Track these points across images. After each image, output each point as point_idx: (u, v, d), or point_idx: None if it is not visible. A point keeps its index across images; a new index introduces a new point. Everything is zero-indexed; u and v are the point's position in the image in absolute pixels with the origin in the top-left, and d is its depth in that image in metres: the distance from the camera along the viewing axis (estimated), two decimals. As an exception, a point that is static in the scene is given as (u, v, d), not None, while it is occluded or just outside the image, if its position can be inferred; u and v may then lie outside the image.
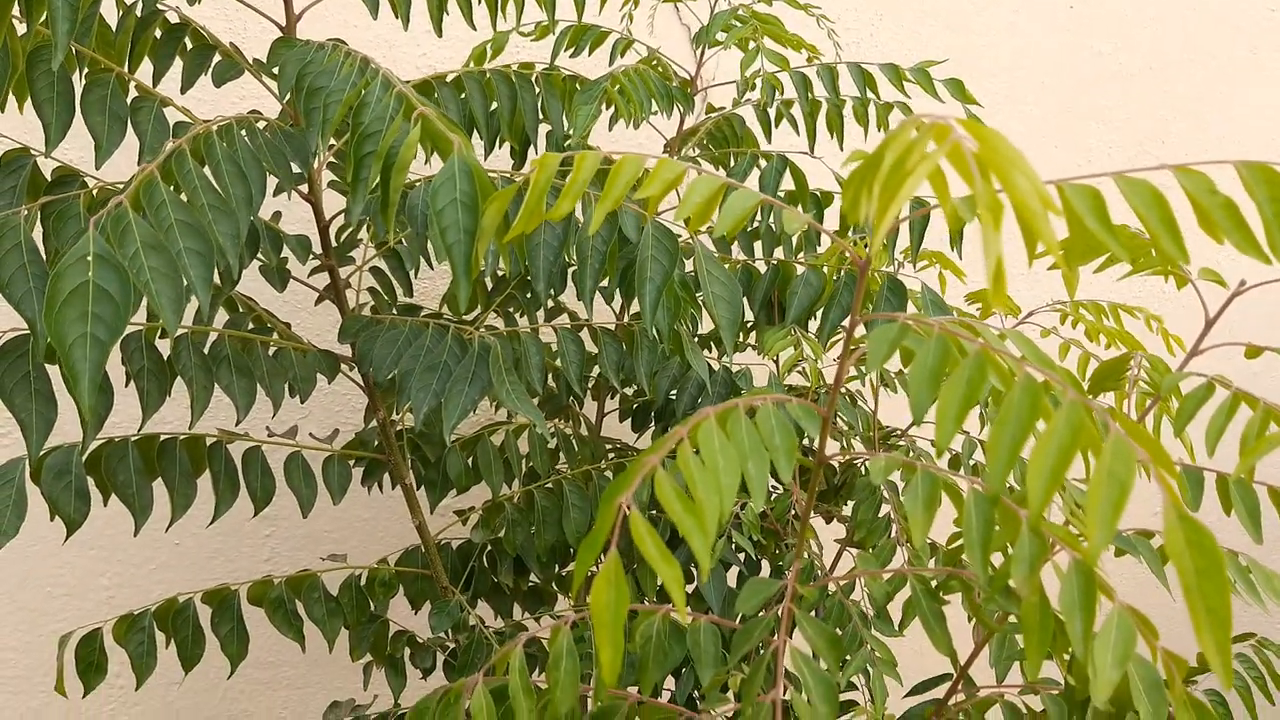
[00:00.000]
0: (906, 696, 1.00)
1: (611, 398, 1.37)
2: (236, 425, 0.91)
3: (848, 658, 1.05)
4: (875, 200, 0.40)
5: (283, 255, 1.01)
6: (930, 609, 0.70)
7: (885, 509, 1.25)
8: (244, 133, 0.78)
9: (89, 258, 0.59)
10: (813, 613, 1.05)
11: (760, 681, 0.57)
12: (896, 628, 1.14)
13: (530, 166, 0.59)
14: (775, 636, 0.57)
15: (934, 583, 0.74)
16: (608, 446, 1.28)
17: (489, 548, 1.17)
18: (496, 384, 0.80)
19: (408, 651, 1.17)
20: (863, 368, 1.43)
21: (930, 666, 0.98)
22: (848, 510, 1.33)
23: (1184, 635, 0.64)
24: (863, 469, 1.36)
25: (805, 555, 1.12)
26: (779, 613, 0.58)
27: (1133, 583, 1.76)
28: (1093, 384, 0.80)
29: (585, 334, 1.06)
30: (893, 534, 1.17)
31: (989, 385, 0.48)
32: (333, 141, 0.98)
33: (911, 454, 1.20)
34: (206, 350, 0.89)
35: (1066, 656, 0.65)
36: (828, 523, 1.34)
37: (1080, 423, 0.44)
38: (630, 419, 1.28)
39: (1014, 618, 0.92)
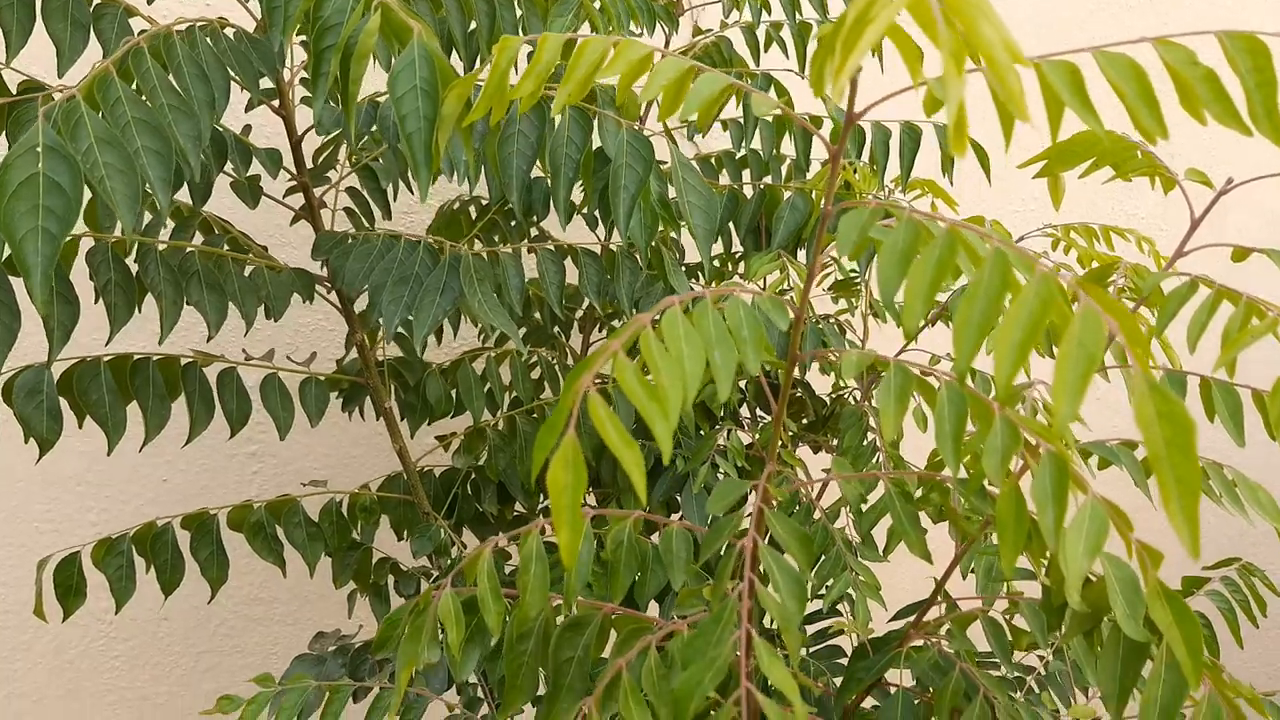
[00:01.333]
0: (891, 620, 1.00)
1: (599, 330, 1.36)
2: (208, 341, 0.90)
3: (830, 582, 1.05)
4: (838, 55, 0.38)
5: (255, 174, 1.00)
6: (905, 512, 0.69)
7: (871, 436, 1.24)
8: (208, 38, 0.76)
9: (38, 149, 0.57)
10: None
11: (728, 577, 0.56)
12: (881, 553, 1.14)
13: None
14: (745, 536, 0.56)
15: (916, 494, 0.73)
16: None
17: (472, 475, 1.16)
18: (469, 294, 0.78)
19: (392, 579, 1.17)
20: (853, 300, 1.41)
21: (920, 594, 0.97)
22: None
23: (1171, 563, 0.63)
24: (851, 400, 1.35)
25: (784, 470, 1.12)
26: (749, 510, 0.57)
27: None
28: (1078, 295, 0.78)
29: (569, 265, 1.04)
30: (879, 460, 1.16)
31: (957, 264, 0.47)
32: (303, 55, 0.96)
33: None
34: (176, 266, 0.87)
35: (1044, 561, 0.64)
36: (815, 453, 1.33)
37: (1050, 294, 0.42)
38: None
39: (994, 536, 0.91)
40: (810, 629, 1.15)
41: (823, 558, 1.06)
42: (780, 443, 1.15)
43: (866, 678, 0.78)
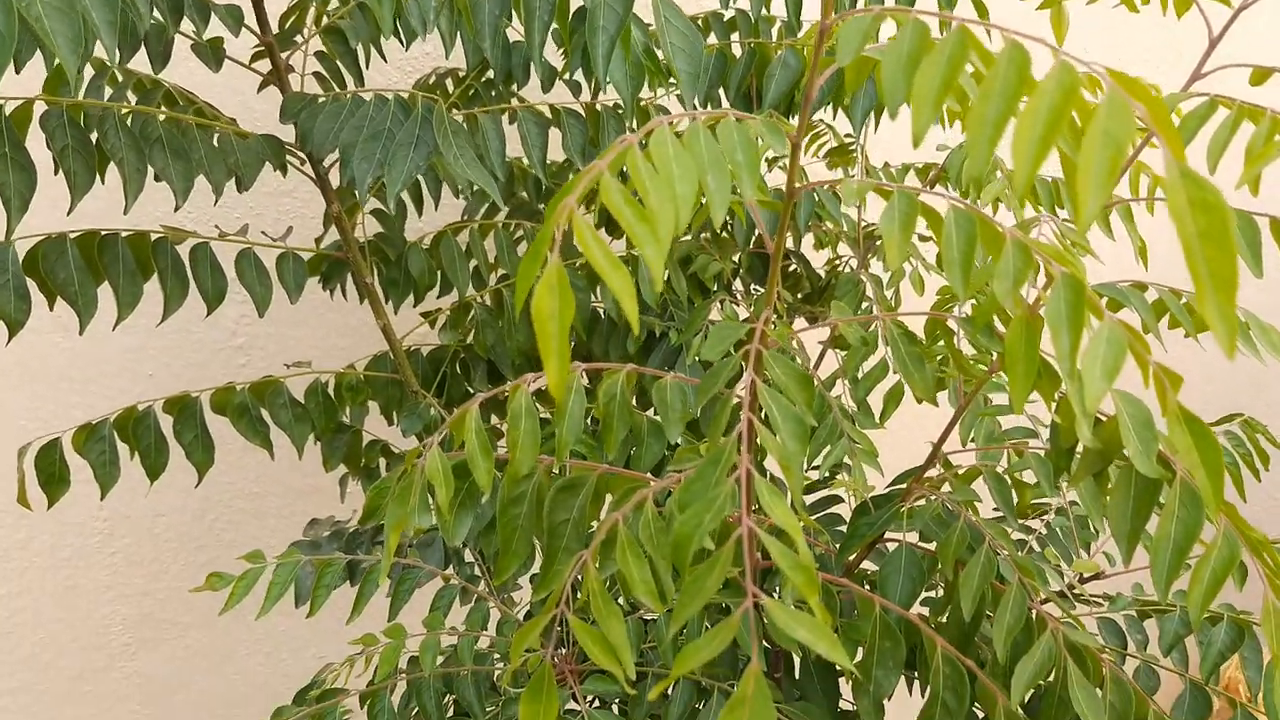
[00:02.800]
0: (890, 486, 0.98)
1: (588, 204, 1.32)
2: (175, 211, 0.86)
3: (827, 450, 1.03)
4: None
5: (218, 36, 0.94)
6: (909, 354, 0.66)
7: (867, 304, 1.21)
8: (152, -125, 0.70)
9: (-35, -20, 0.52)
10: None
11: (725, 420, 0.54)
12: (878, 420, 1.12)
13: None
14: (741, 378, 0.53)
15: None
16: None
17: (461, 354, 1.13)
18: (443, 148, 0.74)
19: (383, 462, 1.15)
20: (849, 169, 1.37)
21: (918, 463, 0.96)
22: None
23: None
24: (847, 268, 1.32)
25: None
26: (746, 353, 0.55)
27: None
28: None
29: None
30: (874, 327, 1.14)
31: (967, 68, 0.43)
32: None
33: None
34: (138, 132, 0.83)
35: (1055, 400, 0.62)
36: (811, 324, 1.31)
37: (1072, 84, 0.39)
38: (607, 224, 1.23)
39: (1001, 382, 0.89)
40: (808, 499, 1.14)
41: (818, 426, 1.04)
42: (776, 313, 1.12)
43: (869, 533, 0.76)
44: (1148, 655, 0.90)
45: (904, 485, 0.84)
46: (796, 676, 0.87)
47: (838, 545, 0.87)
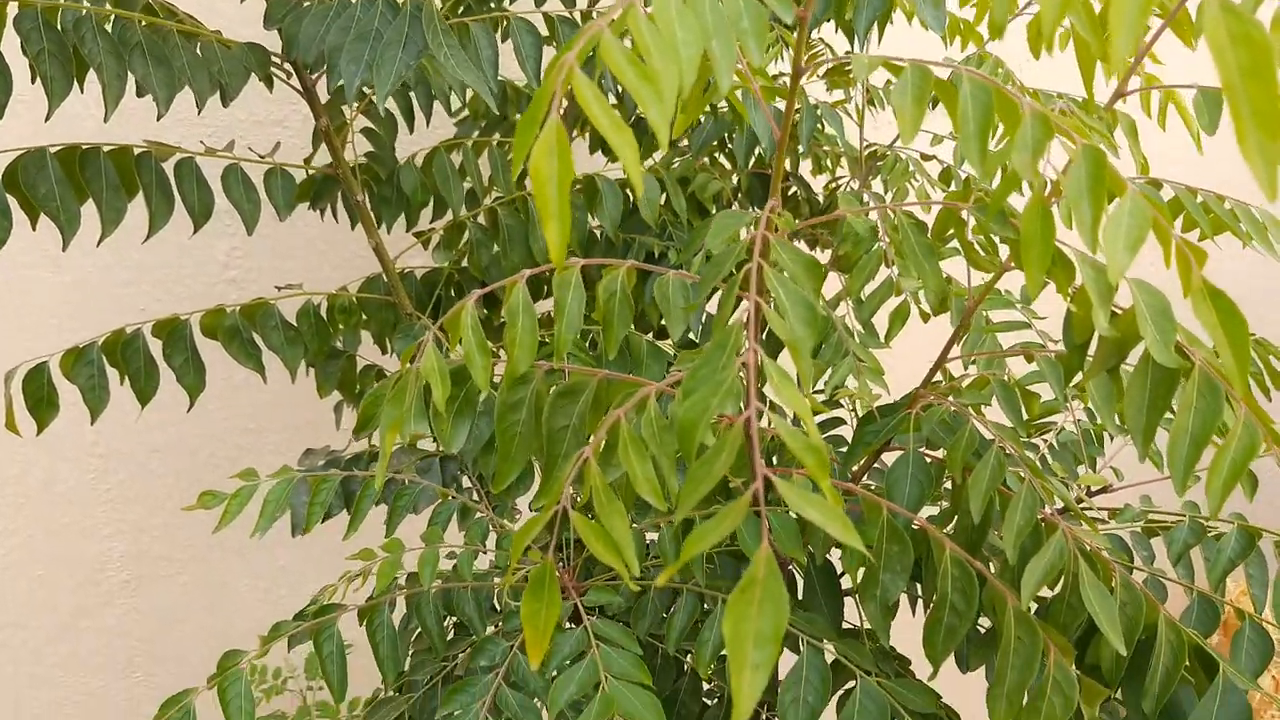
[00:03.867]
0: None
1: (579, 130, 1.29)
2: (158, 120, 0.83)
3: (832, 369, 1.01)
4: None
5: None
6: (919, 244, 0.64)
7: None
8: None
9: None
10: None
11: (731, 307, 0.52)
12: (883, 339, 1.10)
13: None
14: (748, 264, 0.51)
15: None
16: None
17: (455, 277, 1.11)
18: (433, 46, 0.71)
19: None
20: (849, 89, 1.33)
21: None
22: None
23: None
24: (849, 188, 1.29)
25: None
26: (752, 240, 0.52)
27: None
28: None
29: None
30: (880, 247, 1.12)
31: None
32: None
33: (898, 165, 1.13)
34: (117, 37, 0.80)
35: (1070, 290, 0.60)
36: (811, 248, 1.28)
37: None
38: (601, 146, 1.20)
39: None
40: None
41: (824, 345, 1.02)
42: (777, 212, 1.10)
43: (875, 441, 0.74)
44: (1155, 569, 0.89)
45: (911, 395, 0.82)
46: (800, 596, 0.86)
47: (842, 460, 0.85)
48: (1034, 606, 0.74)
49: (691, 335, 1.06)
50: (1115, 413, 0.63)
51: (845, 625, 0.87)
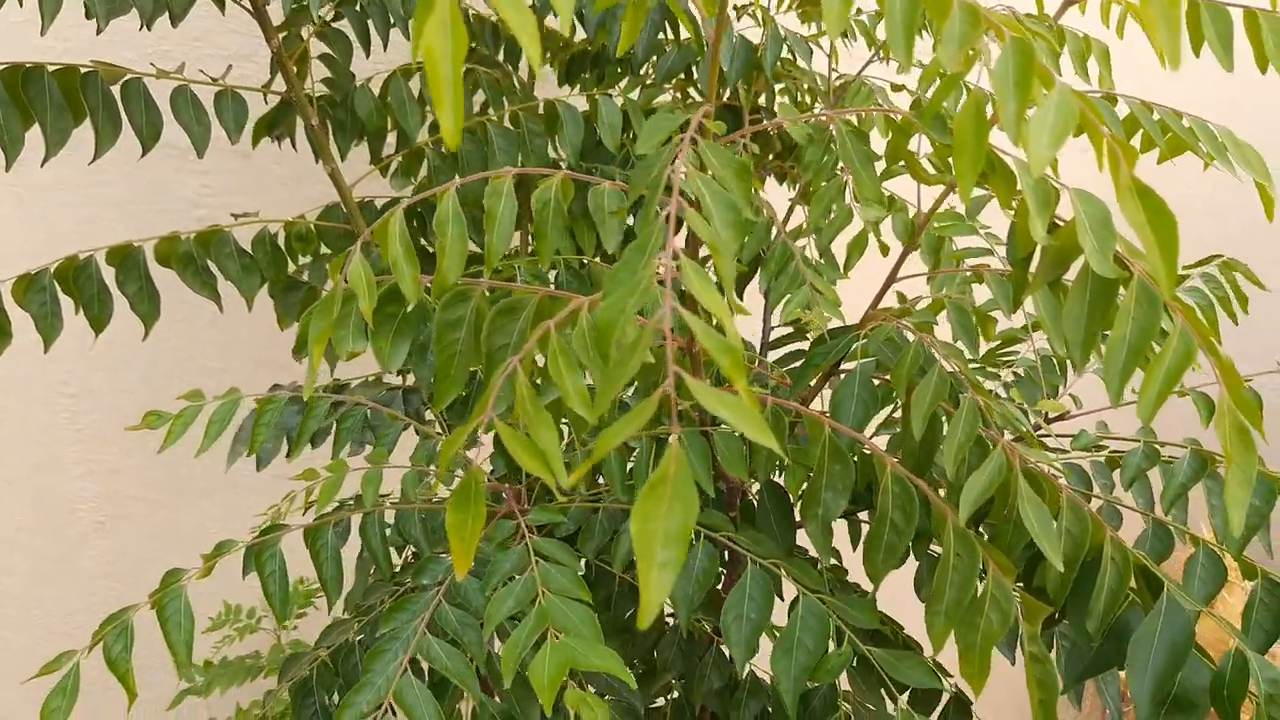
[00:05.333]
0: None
1: (552, 60, 1.26)
2: (98, 34, 0.81)
3: (789, 295, 1.00)
4: None
5: None
6: (856, 151, 0.62)
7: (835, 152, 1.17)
8: None
9: None
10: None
11: (653, 208, 0.51)
12: (841, 269, 1.09)
13: None
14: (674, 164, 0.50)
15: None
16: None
17: (417, 209, 1.09)
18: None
19: (340, 320, 1.12)
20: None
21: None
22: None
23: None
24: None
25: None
26: (680, 140, 0.51)
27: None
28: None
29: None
30: (839, 169, 1.10)
31: None
32: None
33: (863, 90, 1.11)
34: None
35: (1014, 203, 0.59)
36: (780, 182, 1.27)
37: None
38: (566, 74, 1.18)
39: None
40: (772, 356, 1.12)
41: (781, 274, 1.01)
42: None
43: (823, 362, 0.74)
44: (1112, 497, 0.89)
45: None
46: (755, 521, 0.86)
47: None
48: (988, 535, 0.73)
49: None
50: (1060, 330, 0.62)
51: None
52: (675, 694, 0.98)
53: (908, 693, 0.89)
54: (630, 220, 0.85)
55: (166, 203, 1.54)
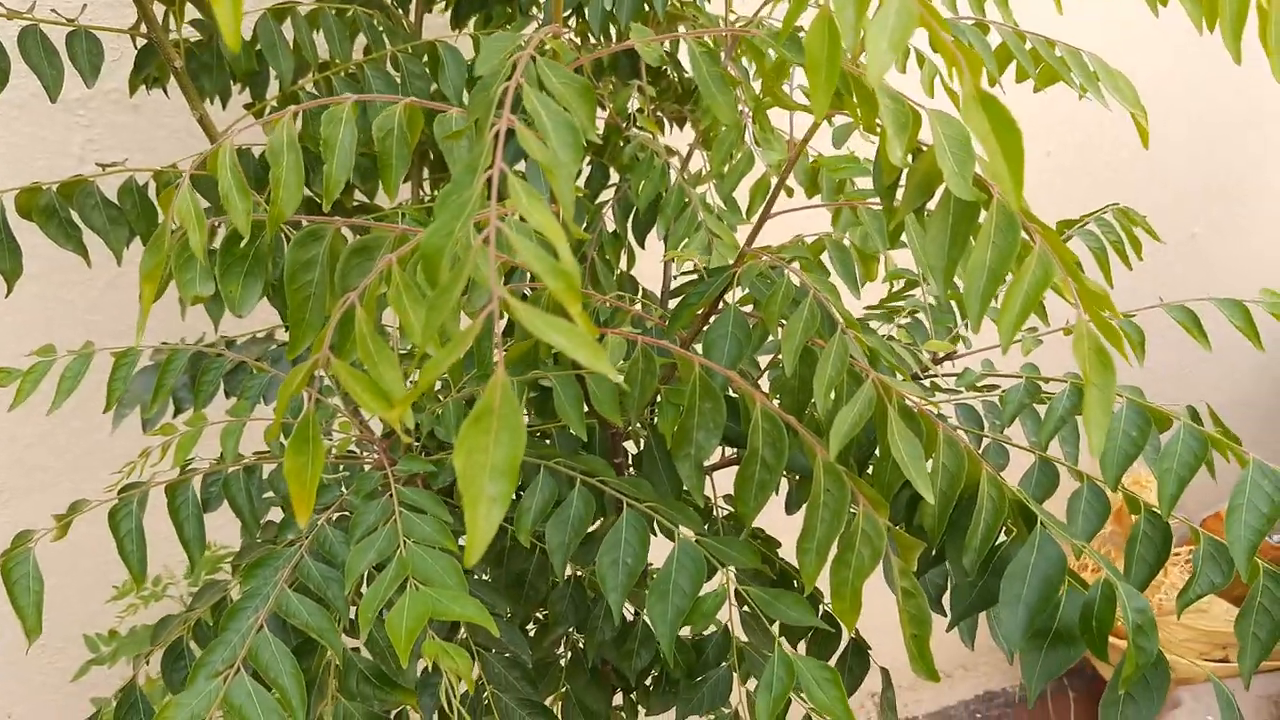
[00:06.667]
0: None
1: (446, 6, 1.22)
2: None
3: (687, 240, 0.99)
4: None
5: None
6: (710, 74, 0.60)
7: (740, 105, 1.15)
8: None
9: None
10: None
11: (487, 128, 0.48)
12: (744, 215, 1.07)
13: None
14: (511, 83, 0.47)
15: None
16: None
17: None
18: None
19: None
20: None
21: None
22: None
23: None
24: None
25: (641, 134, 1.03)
26: (516, 60, 0.48)
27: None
28: None
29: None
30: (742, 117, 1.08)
31: None
32: None
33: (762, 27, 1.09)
34: None
35: (877, 126, 0.57)
36: (680, 127, 1.24)
37: None
38: (452, 9, 1.14)
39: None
40: (671, 304, 1.10)
41: (678, 220, 1.00)
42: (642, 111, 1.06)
43: (698, 301, 0.72)
44: (1002, 436, 0.89)
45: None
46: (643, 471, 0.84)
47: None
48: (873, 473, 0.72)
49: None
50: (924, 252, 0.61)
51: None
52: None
53: (806, 638, 0.88)
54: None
55: (52, 158, 1.47)
